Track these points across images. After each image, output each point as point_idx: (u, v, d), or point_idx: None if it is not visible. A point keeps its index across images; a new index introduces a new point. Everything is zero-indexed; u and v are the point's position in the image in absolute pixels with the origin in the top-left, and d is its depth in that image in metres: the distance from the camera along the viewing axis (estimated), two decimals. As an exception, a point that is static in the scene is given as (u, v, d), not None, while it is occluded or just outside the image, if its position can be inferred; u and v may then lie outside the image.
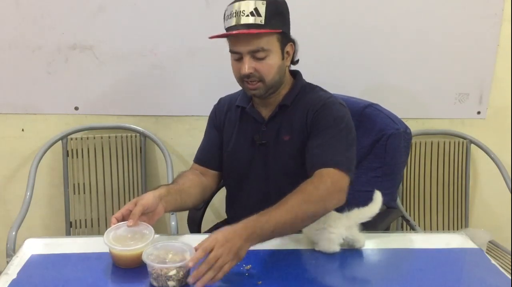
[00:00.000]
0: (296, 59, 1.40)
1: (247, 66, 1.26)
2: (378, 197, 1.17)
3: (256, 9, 1.23)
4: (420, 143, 2.14)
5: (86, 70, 1.99)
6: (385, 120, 1.67)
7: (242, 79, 1.30)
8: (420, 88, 2.10)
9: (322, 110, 1.31)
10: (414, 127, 2.12)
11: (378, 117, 1.67)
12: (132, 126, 2.06)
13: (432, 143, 2.16)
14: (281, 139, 1.37)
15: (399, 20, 2.01)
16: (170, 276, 1.01)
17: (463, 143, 2.16)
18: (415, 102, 2.12)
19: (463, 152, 2.17)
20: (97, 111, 2.05)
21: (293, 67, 1.42)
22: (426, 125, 2.16)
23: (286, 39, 1.32)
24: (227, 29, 1.29)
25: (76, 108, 2.04)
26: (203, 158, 1.47)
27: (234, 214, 1.53)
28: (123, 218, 1.15)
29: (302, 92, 1.40)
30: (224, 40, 1.32)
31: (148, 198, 1.18)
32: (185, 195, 1.32)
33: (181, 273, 1.02)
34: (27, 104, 2.02)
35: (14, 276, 1.06)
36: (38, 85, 2.00)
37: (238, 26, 1.25)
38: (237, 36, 1.26)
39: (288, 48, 1.33)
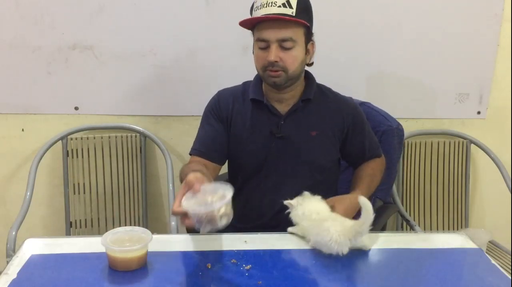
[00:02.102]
0: (311, 60, 1.42)
1: (274, 54, 1.29)
2: (365, 203, 1.11)
3: (288, 1, 1.28)
4: (420, 143, 2.14)
5: (86, 70, 1.99)
6: (377, 118, 1.71)
7: (265, 67, 1.33)
8: (420, 88, 2.10)
9: (356, 111, 1.49)
10: (414, 127, 2.13)
11: (370, 115, 1.71)
12: (132, 126, 2.06)
13: (432, 143, 2.16)
14: (307, 134, 1.41)
15: (399, 20, 2.01)
16: (221, 216, 1.02)
17: (463, 143, 2.17)
18: (415, 102, 2.12)
19: (463, 152, 2.17)
20: (97, 111, 2.05)
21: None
22: (426, 125, 2.16)
23: (309, 35, 1.37)
24: (257, 17, 1.31)
25: (76, 108, 2.04)
26: (206, 151, 1.42)
27: (241, 206, 1.52)
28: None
29: (320, 91, 1.46)
30: (224, 39, 1.33)
31: (196, 174, 1.10)
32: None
33: (228, 208, 1.03)
34: (27, 104, 2.02)
35: (14, 276, 1.06)
36: (38, 85, 2.00)
37: (269, 15, 1.28)
38: (268, 24, 1.29)
39: (310, 46, 1.38)
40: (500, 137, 2.16)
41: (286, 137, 1.41)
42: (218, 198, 1.04)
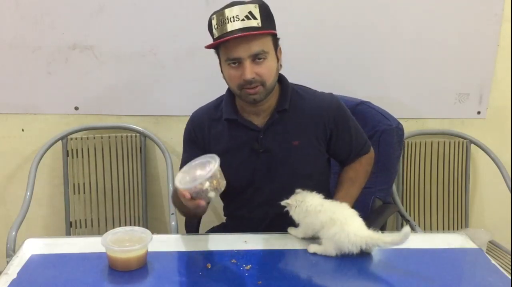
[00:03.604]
0: (280, 63, 1.37)
1: (249, 71, 1.23)
2: (407, 231, 1.10)
3: (250, 12, 1.22)
4: (420, 143, 2.14)
5: (86, 70, 1.99)
6: (377, 117, 1.70)
7: (242, 86, 1.27)
8: (420, 88, 2.10)
9: (338, 110, 1.41)
10: (414, 127, 2.13)
11: (370, 114, 1.70)
12: (132, 126, 2.06)
13: (432, 143, 2.16)
14: (289, 145, 1.36)
15: (399, 20, 2.01)
16: (207, 189, 1.08)
17: (463, 143, 2.17)
18: (415, 102, 2.12)
19: (463, 152, 2.17)
20: (97, 111, 2.05)
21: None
22: (426, 125, 2.16)
23: (276, 42, 1.32)
24: (221, 36, 1.24)
25: (76, 108, 2.04)
26: None
27: (234, 218, 1.52)
28: None
29: (295, 95, 1.39)
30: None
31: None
32: None
33: (215, 181, 1.10)
34: (27, 104, 2.02)
35: (14, 276, 1.06)
36: (38, 85, 2.00)
37: (234, 31, 1.21)
38: (235, 41, 1.22)
39: (278, 52, 1.33)
40: (500, 137, 2.16)
41: (268, 151, 1.35)
42: (205, 172, 1.12)
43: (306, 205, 1.20)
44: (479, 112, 2.15)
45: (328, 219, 1.15)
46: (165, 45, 1.98)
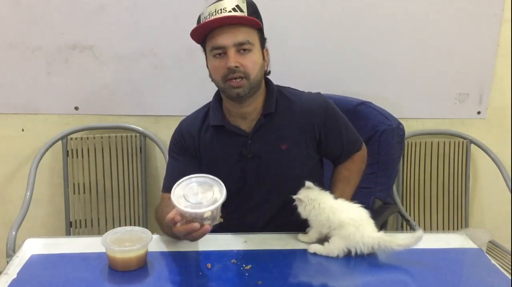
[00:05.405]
0: (268, 69, 1.36)
1: (233, 58, 1.23)
2: (419, 237, 1.12)
3: (237, 5, 1.24)
4: (420, 143, 2.14)
5: (86, 70, 1.99)
6: (377, 117, 1.70)
7: (225, 77, 1.25)
8: (420, 88, 2.10)
9: (326, 111, 1.37)
10: (414, 127, 2.13)
11: (370, 114, 1.70)
12: (132, 126, 2.06)
13: (432, 143, 2.16)
14: (277, 148, 1.34)
15: (399, 20, 2.01)
16: (206, 218, 1.03)
17: (463, 143, 2.17)
18: (415, 102, 2.12)
19: (463, 152, 2.17)
20: (97, 111, 2.05)
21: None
22: (426, 125, 2.16)
23: (263, 40, 1.31)
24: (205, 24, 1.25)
25: (76, 108, 2.04)
26: None
27: (228, 224, 1.49)
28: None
29: (282, 97, 1.37)
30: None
31: None
32: None
33: (215, 212, 1.05)
34: (27, 104, 2.02)
35: (14, 276, 1.06)
36: (38, 85, 2.00)
37: (223, 18, 1.23)
38: (221, 30, 1.23)
39: (265, 52, 1.32)
40: (500, 137, 2.16)
41: (257, 156, 1.33)
42: (209, 197, 1.06)
43: (320, 202, 1.19)
44: (479, 112, 2.15)
45: (348, 219, 1.15)
46: (165, 45, 1.98)
